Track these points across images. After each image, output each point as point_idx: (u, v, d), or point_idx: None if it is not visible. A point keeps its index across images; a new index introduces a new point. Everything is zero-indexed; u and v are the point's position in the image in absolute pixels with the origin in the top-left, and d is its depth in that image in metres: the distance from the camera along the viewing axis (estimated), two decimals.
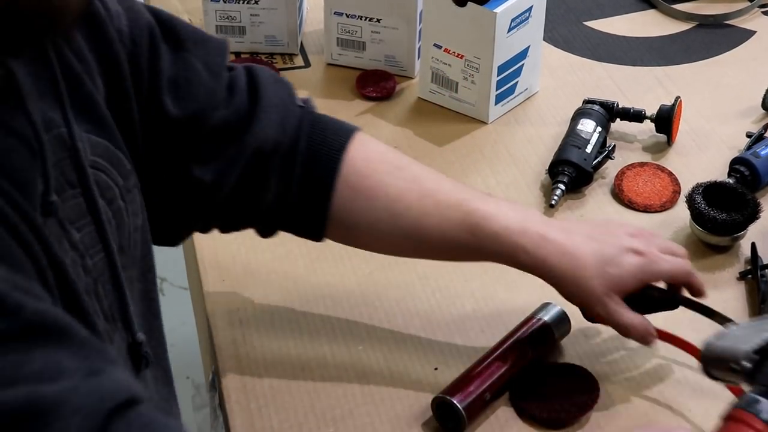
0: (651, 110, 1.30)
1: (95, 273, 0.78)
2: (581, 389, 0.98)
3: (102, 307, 0.79)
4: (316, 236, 0.99)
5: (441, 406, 0.96)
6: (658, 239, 1.00)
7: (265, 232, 1.00)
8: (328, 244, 1.16)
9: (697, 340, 0.96)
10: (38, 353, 0.62)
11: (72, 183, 0.76)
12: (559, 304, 1.04)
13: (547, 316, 1.03)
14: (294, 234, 1.00)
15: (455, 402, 0.95)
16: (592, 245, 0.95)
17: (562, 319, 1.03)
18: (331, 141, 0.95)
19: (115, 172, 0.81)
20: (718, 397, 0.98)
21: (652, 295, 0.98)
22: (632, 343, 1.02)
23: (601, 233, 0.98)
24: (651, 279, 0.97)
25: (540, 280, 1.11)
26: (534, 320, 1.03)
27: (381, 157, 0.98)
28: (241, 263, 1.14)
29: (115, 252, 0.80)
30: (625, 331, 0.96)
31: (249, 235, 1.17)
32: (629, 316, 0.96)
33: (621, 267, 0.95)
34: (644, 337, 0.97)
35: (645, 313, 0.98)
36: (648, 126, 1.30)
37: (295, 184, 0.95)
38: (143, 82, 0.87)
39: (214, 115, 0.91)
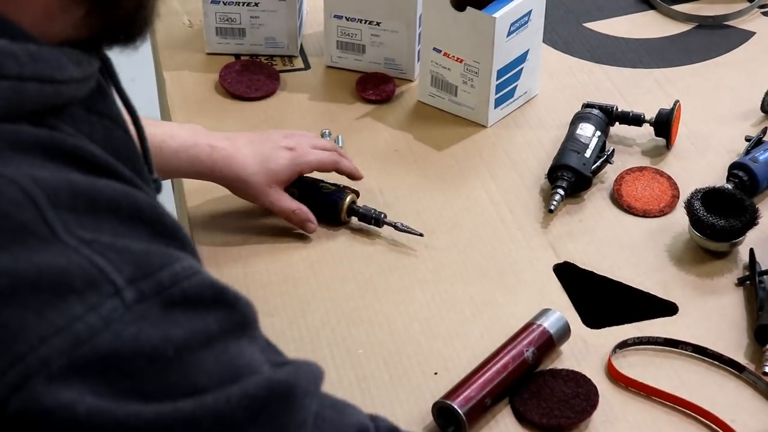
0: (650, 113, 1.30)
1: None
2: (581, 395, 0.99)
3: None
4: None
5: (442, 411, 0.97)
6: (309, 138, 1.19)
7: None
8: (329, 247, 1.16)
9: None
10: (245, 344, 0.64)
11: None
12: (558, 310, 1.05)
13: (547, 322, 1.03)
14: None
15: (456, 407, 0.95)
16: (252, 147, 1.14)
17: (562, 324, 1.04)
18: None
19: None
20: (722, 401, 0.99)
21: (321, 187, 1.18)
22: (631, 349, 1.02)
23: (260, 138, 1.17)
24: (303, 168, 1.16)
25: (539, 286, 1.12)
26: (534, 326, 1.03)
27: None
28: (240, 267, 1.14)
29: None
30: (286, 215, 1.15)
31: (250, 238, 1.17)
32: (289, 203, 1.15)
33: (276, 162, 1.13)
34: (303, 222, 1.15)
35: (318, 205, 1.16)
36: (647, 130, 1.30)
37: None
38: None
39: None
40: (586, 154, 1.23)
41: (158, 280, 0.60)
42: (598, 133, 1.26)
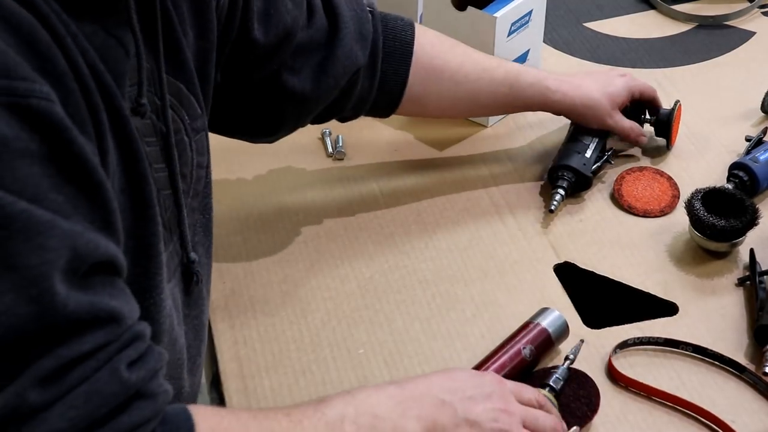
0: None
1: (159, 185, 0.85)
2: (582, 398, 0.99)
3: (162, 216, 0.86)
4: (388, 113, 1.20)
5: None
6: (633, 78, 1.30)
7: (347, 118, 1.19)
8: (329, 247, 1.17)
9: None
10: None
11: (150, 107, 0.83)
12: (559, 310, 1.05)
13: (545, 321, 1.03)
14: (369, 115, 1.20)
15: None
16: (592, 77, 1.27)
17: (561, 323, 1.04)
18: (402, 35, 1.15)
19: (184, 112, 0.90)
20: (722, 401, 0.99)
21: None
22: (632, 347, 1.02)
23: (595, 71, 1.38)
24: (635, 91, 1.28)
25: (539, 285, 1.12)
26: (532, 325, 1.03)
27: (438, 39, 1.20)
28: (241, 266, 1.14)
29: (177, 172, 0.88)
30: (626, 133, 1.27)
31: (250, 238, 1.17)
32: (628, 122, 1.27)
33: (615, 86, 1.26)
34: (638, 137, 1.28)
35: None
36: (647, 129, 1.30)
37: (378, 79, 1.14)
38: (236, 18, 1.01)
39: (299, 35, 1.07)
40: (586, 155, 1.23)
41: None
42: (599, 133, 1.26)
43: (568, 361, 1.00)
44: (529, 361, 1.01)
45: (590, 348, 1.04)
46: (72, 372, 0.67)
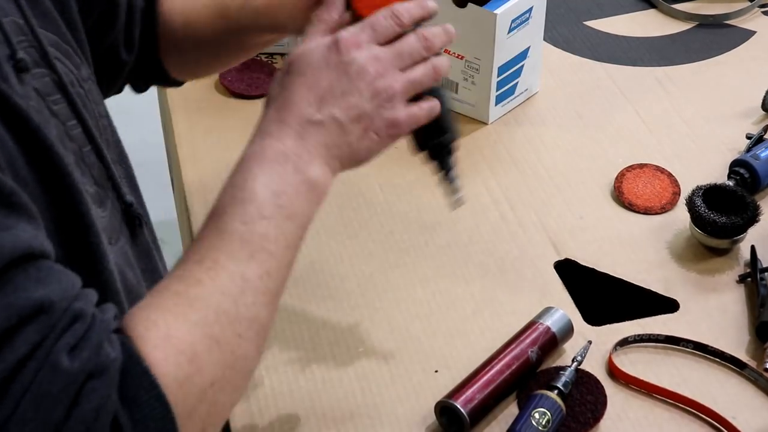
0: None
1: (79, 141, 0.83)
2: (588, 403, 0.98)
3: (93, 174, 0.84)
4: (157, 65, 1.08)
5: (444, 410, 0.97)
6: None
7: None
8: (329, 246, 1.16)
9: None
10: None
11: (37, 62, 0.80)
12: (559, 307, 1.05)
13: (550, 321, 1.03)
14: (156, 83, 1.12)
15: (459, 406, 0.95)
16: None
17: (565, 323, 1.03)
18: None
19: (68, 62, 0.86)
20: (723, 398, 0.99)
21: None
22: (633, 345, 1.02)
23: None
24: None
25: (540, 283, 1.12)
26: (537, 324, 1.03)
27: None
28: None
29: (91, 125, 0.85)
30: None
31: None
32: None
33: None
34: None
35: None
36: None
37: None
38: None
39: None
40: None
41: None
42: None
43: (575, 363, 1.00)
44: (534, 362, 1.01)
45: (591, 345, 1.04)
46: (14, 383, 0.64)
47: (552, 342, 1.02)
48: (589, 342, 1.03)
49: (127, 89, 1.10)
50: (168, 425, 0.69)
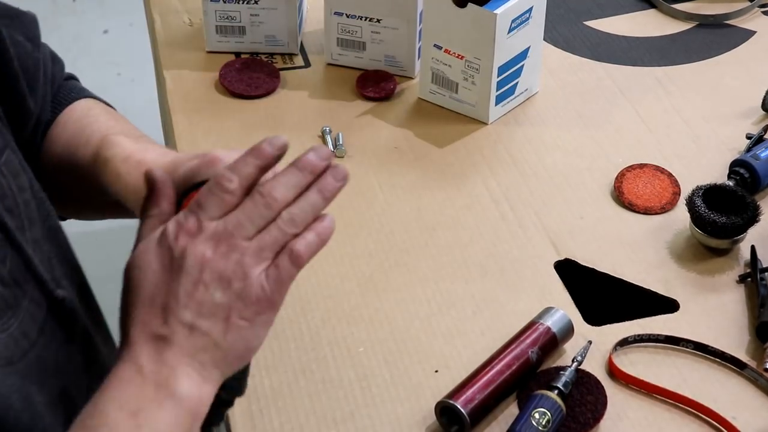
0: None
1: None
2: (588, 403, 0.98)
3: (1, 272, 0.75)
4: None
5: (445, 411, 0.97)
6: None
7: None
8: (329, 245, 1.16)
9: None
10: None
11: None
12: (559, 307, 1.05)
13: (550, 321, 1.03)
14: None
15: (459, 406, 0.95)
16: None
17: (566, 323, 1.03)
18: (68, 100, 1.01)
19: None
20: (723, 398, 0.99)
21: None
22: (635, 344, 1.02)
23: None
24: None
25: (540, 283, 1.12)
26: (537, 324, 1.03)
27: (86, 105, 1.00)
28: None
29: (3, 214, 0.76)
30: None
31: None
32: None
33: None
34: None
35: None
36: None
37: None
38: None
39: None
40: None
41: None
42: None
43: (576, 363, 1.00)
44: (534, 362, 1.01)
45: (591, 345, 1.04)
46: None
47: (552, 342, 1.02)
48: (589, 342, 1.03)
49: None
50: None
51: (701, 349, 1.04)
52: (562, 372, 0.99)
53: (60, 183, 0.97)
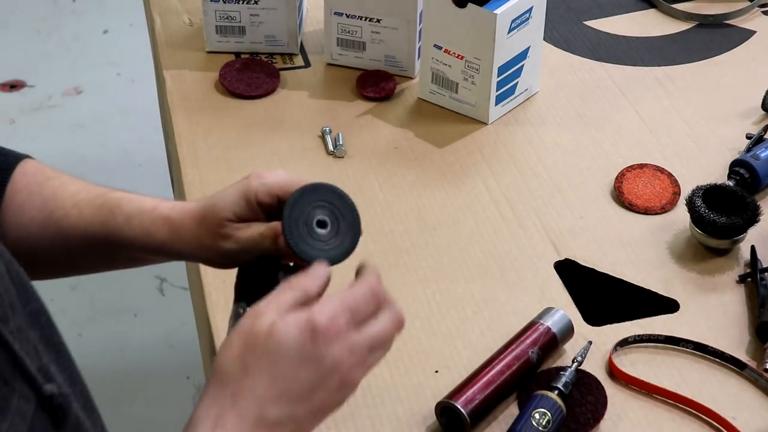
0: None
1: None
2: (588, 404, 0.98)
3: None
4: None
5: (445, 411, 0.97)
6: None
7: None
8: None
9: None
10: None
11: None
12: (559, 307, 1.05)
13: (550, 321, 1.03)
14: None
15: (459, 407, 0.95)
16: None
17: (566, 323, 1.03)
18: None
19: None
20: (723, 398, 0.99)
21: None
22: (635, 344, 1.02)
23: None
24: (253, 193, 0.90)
25: (540, 283, 1.11)
26: (537, 325, 1.03)
27: (36, 170, 0.96)
28: None
29: None
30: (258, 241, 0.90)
31: None
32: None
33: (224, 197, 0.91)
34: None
35: None
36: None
37: None
38: None
39: None
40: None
41: None
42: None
43: (576, 363, 1.00)
44: (535, 362, 1.01)
45: (591, 345, 1.04)
46: None
47: (552, 342, 1.02)
48: (590, 342, 1.03)
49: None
50: None
51: (701, 349, 1.04)
52: (562, 372, 0.99)
53: (33, 248, 0.94)
